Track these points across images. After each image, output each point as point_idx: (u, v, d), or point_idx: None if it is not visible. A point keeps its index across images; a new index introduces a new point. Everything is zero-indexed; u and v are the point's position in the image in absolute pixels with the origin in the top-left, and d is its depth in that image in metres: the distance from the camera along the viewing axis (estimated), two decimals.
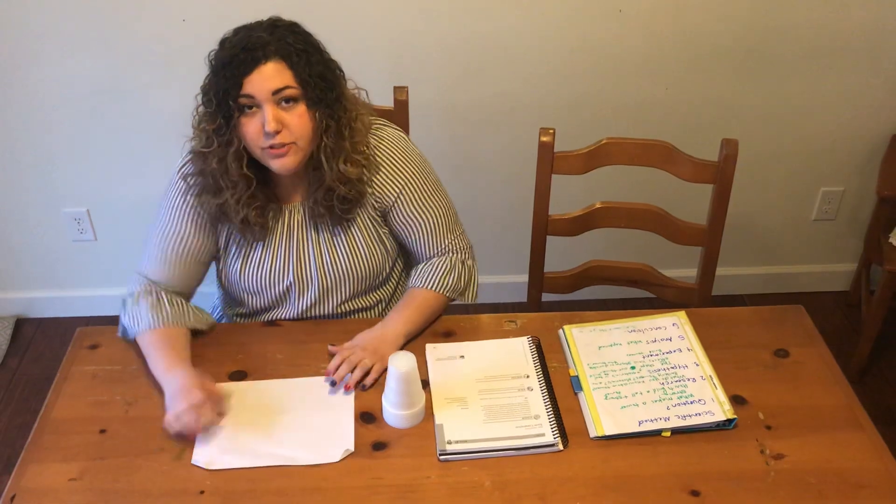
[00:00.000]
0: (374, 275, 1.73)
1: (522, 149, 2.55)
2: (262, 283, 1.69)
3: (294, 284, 1.69)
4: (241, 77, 1.45)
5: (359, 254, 1.69)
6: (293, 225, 1.67)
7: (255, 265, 1.68)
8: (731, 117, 2.61)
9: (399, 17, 2.38)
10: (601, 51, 2.47)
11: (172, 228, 1.64)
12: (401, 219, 1.69)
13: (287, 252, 1.68)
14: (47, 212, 2.72)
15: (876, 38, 2.49)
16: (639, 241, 2.33)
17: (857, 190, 2.81)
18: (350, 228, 1.67)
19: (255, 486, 1.37)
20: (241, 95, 1.46)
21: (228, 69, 1.46)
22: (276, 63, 1.46)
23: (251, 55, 1.45)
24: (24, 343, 2.85)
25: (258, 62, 1.45)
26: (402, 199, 1.67)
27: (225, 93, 1.47)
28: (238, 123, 1.49)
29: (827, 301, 2.98)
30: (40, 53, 2.41)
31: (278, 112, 1.48)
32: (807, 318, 1.71)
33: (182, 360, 1.53)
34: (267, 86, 1.46)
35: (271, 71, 1.46)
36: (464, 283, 1.72)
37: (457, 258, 1.73)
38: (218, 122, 1.50)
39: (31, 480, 1.38)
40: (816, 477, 1.37)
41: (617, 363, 1.59)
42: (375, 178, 1.64)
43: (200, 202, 1.61)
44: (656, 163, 1.92)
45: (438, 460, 1.41)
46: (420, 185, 1.68)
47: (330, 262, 1.68)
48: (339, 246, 1.68)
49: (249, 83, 1.46)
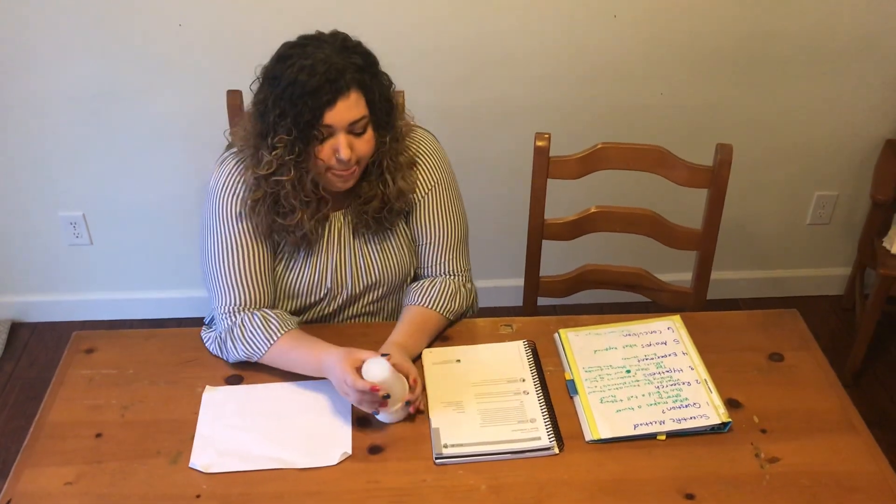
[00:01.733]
0: (402, 279, 1.74)
1: (518, 153, 2.55)
2: (302, 290, 1.68)
3: (330, 291, 1.70)
4: (324, 108, 1.43)
5: (392, 259, 1.70)
6: (334, 233, 1.67)
7: (296, 272, 1.67)
8: (726, 122, 2.62)
9: (395, 21, 2.39)
10: (596, 56, 2.48)
11: (242, 250, 1.60)
12: (421, 219, 1.70)
13: (327, 260, 1.67)
14: (43, 216, 2.72)
15: (869, 42, 2.50)
16: (634, 246, 2.34)
17: (851, 194, 2.82)
18: (386, 235, 1.69)
19: (251, 490, 1.37)
20: (322, 126, 1.45)
21: (311, 99, 1.42)
22: (355, 93, 1.45)
23: (333, 86, 1.42)
24: (19, 347, 2.84)
25: (340, 93, 1.43)
26: (428, 199, 1.68)
27: (307, 123, 1.44)
28: (315, 150, 1.48)
29: (821, 305, 2.99)
30: (37, 57, 2.41)
31: (351, 139, 1.48)
32: (801, 322, 1.72)
33: (322, 348, 1.51)
34: (347, 117, 1.46)
35: (353, 102, 1.45)
36: (465, 307, 1.73)
37: (459, 281, 1.73)
38: (296, 150, 1.47)
39: (26, 485, 1.38)
40: (811, 480, 1.38)
41: (612, 367, 1.59)
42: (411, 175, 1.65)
43: (260, 219, 1.57)
44: (651, 167, 1.93)
45: (434, 464, 1.41)
46: (446, 190, 1.70)
47: (365, 269, 1.69)
48: (375, 253, 1.69)
49: (331, 115, 1.44)
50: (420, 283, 1.71)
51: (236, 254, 1.60)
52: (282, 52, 1.48)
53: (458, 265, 1.74)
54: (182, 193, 2.66)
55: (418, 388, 1.47)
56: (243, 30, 2.38)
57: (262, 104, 1.48)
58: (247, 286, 1.61)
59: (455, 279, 1.72)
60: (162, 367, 1.61)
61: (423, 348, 1.63)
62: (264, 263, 1.63)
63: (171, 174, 2.63)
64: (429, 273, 1.74)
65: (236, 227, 1.59)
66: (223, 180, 1.59)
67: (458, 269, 1.74)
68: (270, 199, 1.55)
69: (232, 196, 1.58)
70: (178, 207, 2.69)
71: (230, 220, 1.59)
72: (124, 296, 2.89)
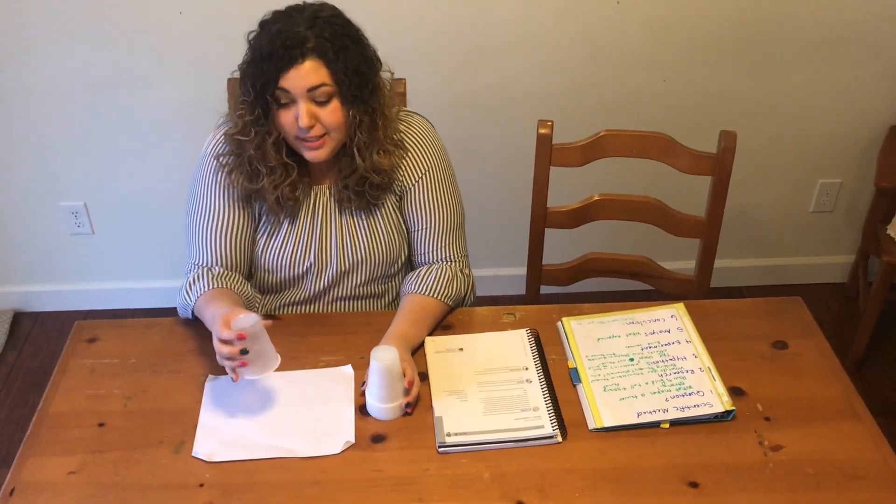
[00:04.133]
0: (390, 261, 1.73)
1: (520, 141, 2.54)
2: (283, 262, 1.69)
3: (313, 266, 1.70)
4: (279, 73, 1.47)
5: (379, 238, 1.70)
6: (318, 206, 1.68)
7: (278, 244, 1.69)
8: (730, 109, 2.61)
9: (396, 8, 2.38)
10: (599, 42, 2.47)
11: (211, 209, 1.65)
12: (414, 205, 1.70)
13: (311, 233, 1.69)
14: (44, 205, 2.71)
15: (874, 29, 2.48)
16: (637, 234, 2.33)
17: (854, 182, 2.81)
18: (373, 213, 1.69)
19: (254, 479, 1.37)
20: (277, 89, 1.48)
21: (266, 63, 1.47)
22: (313, 61, 1.47)
23: (289, 52, 1.45)
24: (21, 337, 2.84)
25: (295, 60, 1.46)
26: (420, 185, 1.68)
27: (262, 86, 1.49)
28: (275, 114, 1.52)
29: (825, 293, 2.99)
30: (37, 46, 2.40)
31: (312, 107, 1.50)
32: (805, 310, 1.71)
33: (224, 307, 1.49)
34: (302, 83, 1.47)
35: (308, 69, 1.47)
36: (464, 292, 1.73)
37: (456, 267, 1.72)
38: (256, 113, 1.52)
39: (29, 474, 1.38)
40: (815, 468, 1.38)
41: (615, 355, 1.59)
42: (402, 163, 1.66)
43: (233, 181, 1.62)
44: (655, 155, 1.92)
45: (437, 452, 1.41)
46: (440, 176, 1.69)
47: (350, 246, 1.69)
48: (361, 230, 1.69)
49: (286, 79, 1.47)
50: (416, 272, 1.71)
51: (208, 214, 1.65)
52: (262, 18, 1.54)
53: (455, 251, 1.74)
54: (183, 182, 2.61)
55: (414, 389, 1.47)
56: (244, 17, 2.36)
57: (241, 68, 1.55)
58: (211, 245, 1.66)
59: (452, 265, 1.72)
60: (164, 356, 1.61)
61: (424, 337, 1.63)
62: (236, 228, 1.66)
63: (172, 163, 2.62)
64: (425, 260, 1.74)
65: (212, 188, 1.65)
66: (210, 141, 1.66)
67: (454, 254, 1.74)
68: (241, 161, 1.59)
69: (213, 157, 1.64)
70: (180, 196, 2.66)
71: (207, 181, 1.65)
72: (126, 285, 2.89)
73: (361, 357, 1.57)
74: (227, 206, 1.65)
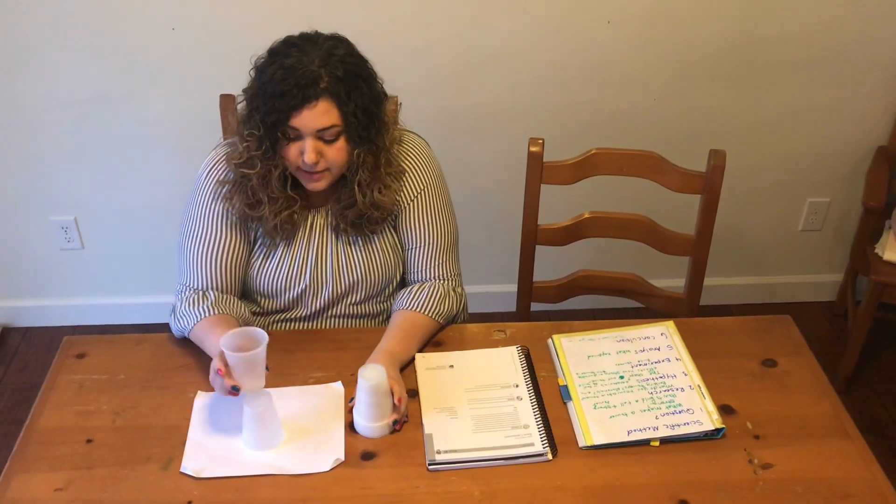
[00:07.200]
0: (386, 281, 1.74)
1: (511, 158, 2.56)
2: (279, 285, 1.69)
3: (309, 287, 1.70)
4: (291, 111, 1.46)
5: (376, 260, 1.70)
6: (315, 229, 1.68)
7: (274, 266, 1.68)
8: (719, 128, 2.63)
9: (388, 26, 2.39)
10: (590, 61, 2.49)
11: (208, 233, 1.64)
12: (409, 224, 1.70)
13: (307, 255, 1.68)
14: (34, 220, 2.70)
15: (862, 49, 2.51)
16: (627, 251, 2.34)
17: (843, 201, 2.83)
18: (371, 236, 1.69)
19: (243, 496, 1.36)
20: (288, 127, 1.48)
21: (279, 101, 1.46)
22: (325, 102, 1.47)
23: (302, 92, 1.45)
24: (9, 352, 2.83)
25: (308, 101, 1.45)
26: (415, 204, 1.68)
27: (273, 123, 1.48)
28: (281, 147, 1.52)
29: (814, 311, 3.00)
30: (29, 60, 2.40)
31: (318, 144, 1.50)
32: (794, 328, 1.72)
33: None
34: (313, 124, 1.48)
35: (320, 111, 1.47)
36: (456, 310, 1.73)
37: (449, 285, 1.72)
38: (264, 147, 1.51)
39: (16, 490, 1.37)
40: (804, 486, 1.38)
41: (606, 373, 1.59)
42: (396, 184, 1.66)
43: (231, 205, 1.61)
44: (644, 173, 1.93)
45: (427, 470, 1.40)
46: (435, 195, 1.70)
47: (347, 268, 1.69)
48: (358, 251, 1.69)
49: (297, 119, 1.47)
50: (409, 288, 1.71)
51: (204, 238, 1.64)
52: (274, 46, 1.52)
53: (448, 269, 1.74)
54: (174, 197, 2.63)
55: (402, 406, 1.47)
56: (237, 33, 2.37)
57: (247, 93, 1.54)
58: (205, 269, 1.64)
59: (444, 283, 1.72)
60: (153, 372, 1.60)
61: (413, 354, 1.62)
62: (232, 252, 1.65)
63: (163, 178, 2.62)
64: (418, 278, 1.74)
65: (209, 210, 1.64)
66: (208, 164, 1.64)
67: (447, 273, 1.74)
68: (242, 188, 1.58)
69: (212, 180, 1.63)
70: (170, 211, 2.67)
71: (204, 203, 1.64)
72: (116, 300, 2.88)
73: (351, 374, 1.57)
74: (223, 230, 1.64)
